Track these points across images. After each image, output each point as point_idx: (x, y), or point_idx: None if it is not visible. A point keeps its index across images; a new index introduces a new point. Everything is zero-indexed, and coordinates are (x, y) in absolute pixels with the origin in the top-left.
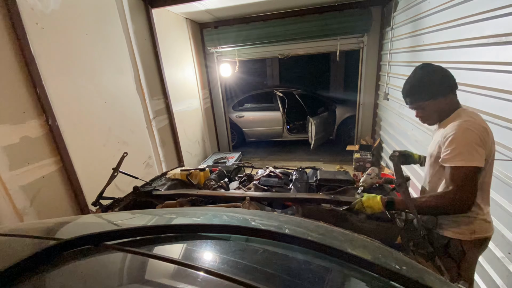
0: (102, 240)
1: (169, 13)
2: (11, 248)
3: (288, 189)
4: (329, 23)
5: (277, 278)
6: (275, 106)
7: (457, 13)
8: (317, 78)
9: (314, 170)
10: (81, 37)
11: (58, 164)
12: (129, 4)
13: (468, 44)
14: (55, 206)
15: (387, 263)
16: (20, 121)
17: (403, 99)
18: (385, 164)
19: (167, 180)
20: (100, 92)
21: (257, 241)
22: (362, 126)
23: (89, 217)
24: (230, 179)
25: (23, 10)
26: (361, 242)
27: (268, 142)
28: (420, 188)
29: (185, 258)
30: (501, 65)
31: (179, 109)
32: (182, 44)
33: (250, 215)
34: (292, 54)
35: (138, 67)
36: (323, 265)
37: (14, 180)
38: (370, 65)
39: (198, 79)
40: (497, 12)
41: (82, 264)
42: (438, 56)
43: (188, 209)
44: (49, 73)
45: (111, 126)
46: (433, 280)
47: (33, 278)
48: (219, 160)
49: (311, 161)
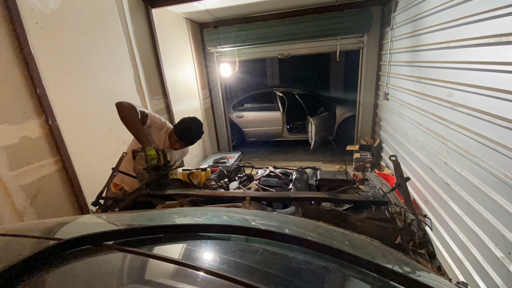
0: (102, 240)
1: (169, 13)
2: (11, 248)
3: (288, 189)
4: (329, 23)
5: (277, 278)
6: (275, 106)
7: (457, 13)
8: (317, 78)
9: (314, 170)
10: (81, 37)
11: (58, 164)
12: (129, 4)
13: (468, 44)
14: (55, 206)
15: (387, 263)
16: (20, 121)
17: (403, 99)
18: (385, 164)
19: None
20: (100, 92)
21: (257, 241)
22: (362, 126)
23: (89, 217)
24: (230, 179)
25: (23, 10)
26: (361, 242)
27: (268, 142)
28: (420, 188)
29: (185, 258)
30: (501, 65)
31: (179, 109)
32: (182, 44)
33: (250, 215)
34: (292, 54)
35: (138, 67)
36: (323, 265)
37: (14, 180)
38: (370, 65)
39: (198, 79)
40: (497, 12)
41: (82, 264)
42: (438, 56)
43: (188, 209)
44: (49, 73)
45: (111, 126)
46: (433, 280)
47: (33, 278)
48: (219, 160)
49: (311, 161)
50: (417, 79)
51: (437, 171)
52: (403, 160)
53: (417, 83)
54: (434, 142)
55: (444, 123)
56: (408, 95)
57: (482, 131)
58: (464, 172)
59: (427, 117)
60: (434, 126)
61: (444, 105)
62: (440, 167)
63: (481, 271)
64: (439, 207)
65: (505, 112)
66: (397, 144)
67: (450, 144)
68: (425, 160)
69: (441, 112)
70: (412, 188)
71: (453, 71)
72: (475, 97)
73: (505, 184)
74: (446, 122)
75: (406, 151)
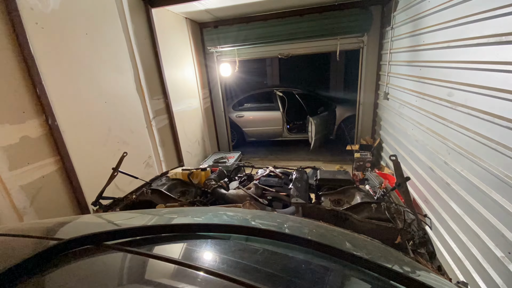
0: (102, 240)
1: (169, 12)
2: (11, 248)
3: (288, 189)
4: (329, 22)
5: (277, 278)
6: (275, 106)
7: (457, 13)
8: (317, 77)
9: (314, 170)
10: (81, 37)
11: (58, 164)
12: (129, 3)
13: (468, 44)
14: (55, 206)
15: (387, 263)
16: (20, 121)
17: (403, 99)
18: (385, 164)
19: (167, 180)
20: (100, 92)
21: (257, 241)
22: (362, 125)
23: (89, 217)
24: (230, 179)
25: (23, 10)
26: (361, 242)
27: (268, 142)
28: (420, 187)
29: (185, 258)
30: (501, 65)
31: (179, 109)
32: (182, 43)
33: (250, 215)
34: (292, 54)
35: (138, 66)
36: (323, 265)
37: (14, 180)
38: (370, 64)
39: (198, 79)
40: (497, 12)
41: (82, 264)
42: (438, 56)
43: (188, 209)
44: (49, 73)
45: (111, 126)
46: (433, 279)
47: (33, 278)
48: (219, 160)
49: (311, 161)
50: (417, 79)
51: (437, 170)
52: (403, 160)
53: (417, 83)
54: (434, 141)
55: (444, 122)
56: (408, 95)
57: (482, 131)
58: (464, 171)
59: (427, 117)
60: (434, 125)
61: (444, 104)
62: (440, 167)
63: (481, 271)
64: (439, 207)
65: (505, 111)
66: (397, 144)
67: (450, 144)
68: (425, 160)
69: (441, 111)
70: (412, 188)
71: (453, 70)
72: (475, 97)
73: (505, 184)
74: (446, 122)
75: (406, 150)
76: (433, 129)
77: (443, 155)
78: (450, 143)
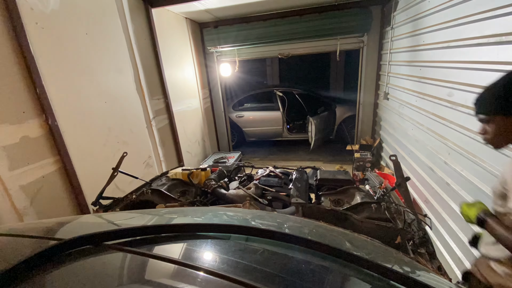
0: (102, 240)
1: (169, 12)
2: (11, 248)
3: (288, 189)
4: (329, 22)
5: (277, 278)
6: (275, 105)
7: (457, 13)
8: (317, 78)
9: (314, 170)
10: (81, 37)
11: (58, 164)
12: (129, 3)
13: (468, 44)
14: (55, 206)
15: (387, 263)
16: (20, 121)
17: (403, 99)
18: (385, 164)
19: (167, 180)
20: (100, 92)
21: (257, 241)
22: (362, 125)
23: (89, 217)
24: (230, 179)
25: (23, 10)
26: (361, 242)
27: (268, 142)
28: (420, 187)
29: (185, 258)
30: (501, 65)
31: (179, 109)
32: (182, 44)
33: (250, 215)
34: (292, 54)
35: (138, 67)
36: (323, 265)
37: (14, 180)
38: (370, 64)
39: (198, 78)
40: (497, 12)
41: (82, 264)
42: (438, 56)
43: (188, 209)
44: (49, 73)
45: (111, 126)
46: (433, 279)
47: (33, 278)
48: (219, 160)
49: (311, 161)
50: (417, 79)
51: (437, 170)
52: (403, 160)
53: (417, 83)
54: (434, 141)
55: (444, 122)
56: (408, 95)
57: None
58: (464, 171)
59: (427, 117)
60: (434, 125)
61: (444, 104)
62: (440, 167)
63: None
64: (439, 207)
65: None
66: (397, 144)
67: (450, 144)
68: (425, 160)
69: (441, 111)
70: (412, 188)
71: (453, 70)
72: (475, 97)
73: None
74: (446, 122)
75: (406, 150)
76: (433, 129)
77: (443, 155)
78: (450, 143)
